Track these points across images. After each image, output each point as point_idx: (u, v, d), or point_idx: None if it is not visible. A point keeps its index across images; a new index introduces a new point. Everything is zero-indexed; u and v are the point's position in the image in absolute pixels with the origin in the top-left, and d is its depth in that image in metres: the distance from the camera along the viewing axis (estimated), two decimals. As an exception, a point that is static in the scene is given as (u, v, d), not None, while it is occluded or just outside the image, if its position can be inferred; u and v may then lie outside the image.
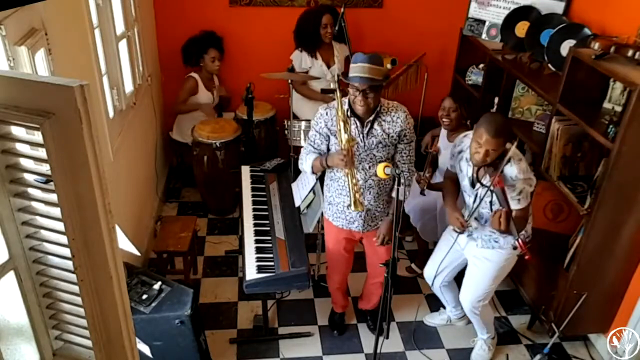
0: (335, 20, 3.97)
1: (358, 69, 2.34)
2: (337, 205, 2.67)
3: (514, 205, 2.43)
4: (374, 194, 2.61)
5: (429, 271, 2.97)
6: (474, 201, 2.54)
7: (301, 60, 4.07)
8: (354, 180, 2.46)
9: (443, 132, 3.33)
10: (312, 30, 3.97)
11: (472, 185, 2.55)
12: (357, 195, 2.44)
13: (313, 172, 2.66)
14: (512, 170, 2.40)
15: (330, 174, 2.66)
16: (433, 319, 3.28)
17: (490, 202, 2.48)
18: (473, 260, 2.73)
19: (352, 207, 2.45)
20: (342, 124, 2.41)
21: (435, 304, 3.35)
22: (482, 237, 2.64)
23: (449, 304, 3.14)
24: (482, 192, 2.49)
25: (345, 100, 2.50)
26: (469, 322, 3.11)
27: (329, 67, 4.07)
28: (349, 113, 2.47)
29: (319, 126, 2.56)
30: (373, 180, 2.56)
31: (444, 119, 3.18)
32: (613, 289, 2.92)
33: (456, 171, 2.67)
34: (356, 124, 2.49)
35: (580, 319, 2.93)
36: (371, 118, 2.46)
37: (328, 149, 2.60)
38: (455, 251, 2.79)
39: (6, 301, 1.52)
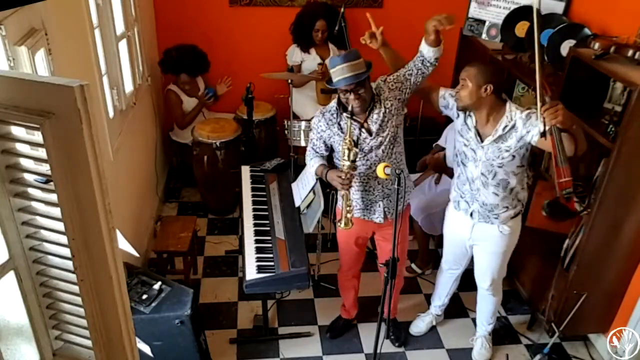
0: (330, 24, 3.98)
1: (338, 73, 2.34)
2: (355, 200, 2.64)
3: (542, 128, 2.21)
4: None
5: (448, 261, 2.98)
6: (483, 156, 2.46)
7: (293, 54, 4.14)
8: (348, 202, 2.48)
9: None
10: (306, 31, 4.04)
11: (478, 135, 2.46)
12: (348, 215, 2.49)
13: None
14: (522, 111, 2.37)
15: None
16: (419, 327, 3.22)
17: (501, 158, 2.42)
18: (480, 244, 2.72)
19: (342, 225, 2.50)
20: (347, 150, 2.39)
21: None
22: (479, 210, 2.60)
23: (446, 297, 3.14)
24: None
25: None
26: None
27: (323, 61, 4.09)
28: (341, 112, 2.47)
29: (319, 129, 2.56)
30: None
31: None
32: (613, 289, 2.92)
33: (446, 110, 2.61)
34: (355, 124, 2.46)
35: (580, 319, 2.93)
36: (366, 113, 2.45)
37: (331, 152, 2.59)
38: (462, 244, 2.79)
39: (6, 301, 1.52)
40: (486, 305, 2.96)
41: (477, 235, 2.70)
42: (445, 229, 2.92)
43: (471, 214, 2.65)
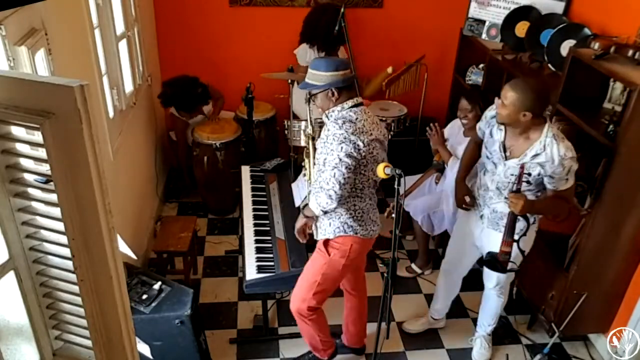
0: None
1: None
2: None
3: (563, 186, 2.32)
4: None
5: (450, 261, 2.95)
6: (503, 172, 2.45)
7: (306, 54, 3.90)
8: None
9: (456, 123, 3.36)
10: (332, 28, 3.70)
11: (504, 150, 2.43)
12: None
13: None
14: (559, 149, 2.26)
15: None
16: (413, 326, 3.21)
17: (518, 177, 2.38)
18: (487, 248, 2.66)
19: None
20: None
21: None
22: (488, 216, 2.59)
23: (446, 300, 3.11)
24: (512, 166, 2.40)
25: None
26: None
27: None
28: None
29: None
30: None
31: (462, 120, 3.21)
32: (613, 289, 2.92)
33: (484, 137, 2.57)
34: None
35: (580, 319, 2.93)
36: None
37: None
38: (471, 243, 2.76)
39: (6, 301, 1.52)
40: (490, 305, 2.94)
41: (484, 240, 2.67)
42: (455, 224, 2.92)
43: (481, 217, 2.64)
